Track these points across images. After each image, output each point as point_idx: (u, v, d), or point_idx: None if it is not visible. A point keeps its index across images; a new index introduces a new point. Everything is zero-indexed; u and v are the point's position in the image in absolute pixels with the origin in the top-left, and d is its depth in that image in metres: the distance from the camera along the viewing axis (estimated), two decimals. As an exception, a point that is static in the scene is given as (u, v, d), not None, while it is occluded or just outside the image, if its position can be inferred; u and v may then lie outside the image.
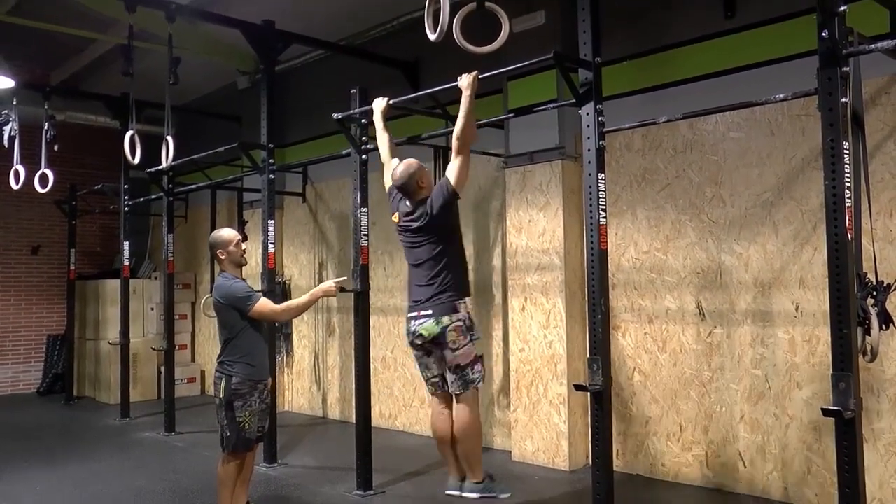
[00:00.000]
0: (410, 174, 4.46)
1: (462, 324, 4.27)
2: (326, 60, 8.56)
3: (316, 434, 7.89)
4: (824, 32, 3.30)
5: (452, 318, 4.22)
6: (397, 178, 4.49)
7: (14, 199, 10.51)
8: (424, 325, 4.27)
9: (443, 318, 4.22)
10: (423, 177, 4.50)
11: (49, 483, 6.00)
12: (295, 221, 9.23)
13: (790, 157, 5.03)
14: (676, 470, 5.56)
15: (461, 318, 4.25)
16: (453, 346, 4.22)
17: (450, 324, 4.21)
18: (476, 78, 4.26)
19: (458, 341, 4.23)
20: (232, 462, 4.51)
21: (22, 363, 11.24)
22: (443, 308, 4.24)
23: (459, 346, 4.24)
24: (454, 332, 4.23)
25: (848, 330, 3.26)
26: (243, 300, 4.42)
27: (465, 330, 4.27)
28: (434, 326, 4.24)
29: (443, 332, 4.22)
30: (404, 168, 4.50)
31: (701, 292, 5.46)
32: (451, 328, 4.21)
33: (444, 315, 4.23)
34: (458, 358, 4.25)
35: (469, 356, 4.27)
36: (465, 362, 4.26)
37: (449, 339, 4.22)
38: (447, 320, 4.22)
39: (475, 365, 4.30)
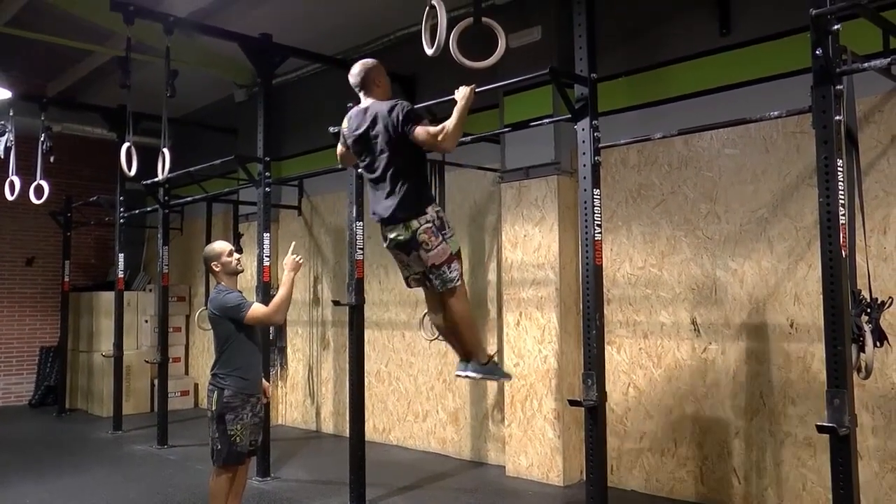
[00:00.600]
0: (367, 69, 4.38)
1: (431, 224, 4.18)
2: (323, 74, 8.59)
3: (309, 448, 7.85)
4: (818, 50, 3.33)
5: (420, 220, 4.16)
6: (353, 75, 4.41)
7: (9, 210, 10.48)
8: (396, 235, 4.25)
9: (411, 223, 4.17)
10: (381, 75, 4.42)
11: (40, 496, 5.95)
12: (290, 235, 9.21)
13: (785, 174, 5.06)
14: (671, 486, 5.54)
15: (430, 220, 4.18)
16: (427, 248, 4.17)
17: (419, 227, 4.16)
18: (473, 91, 4.26)
19: (431, 242, 4.17)
20: (223, 475, 4.49)
21: (14, 375, 11.17)
22: (409, 214, 4.18)
23: (432, 247, 4.17)
24: (425, 234, 4.16)
25: (842, 346, 3.27)
26: (236, 309, 4.42)
27: (435, 230, 4.18)
28: (405, 232, 4.19)
29: (413, 235, 4.18)
30: (359, 65, 4.42)
31: (696, 308, 5.47)
32: (421, 230, 4.16)
33: (411, 220, 4.17)
34: (433, 258, 4.18)
35: (443, 255, 4.18)
36: (439, 261, 4.18)
37: (421, 241, 4.17)
38: (415, 224, 4.16)
39: (451, 263, 4.21)
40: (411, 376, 7.52)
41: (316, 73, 8.66)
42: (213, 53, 8.48)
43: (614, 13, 5.87)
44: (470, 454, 6.92)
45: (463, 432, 7.00)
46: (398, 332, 7.69)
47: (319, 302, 8.75)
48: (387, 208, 4.24)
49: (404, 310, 7.61)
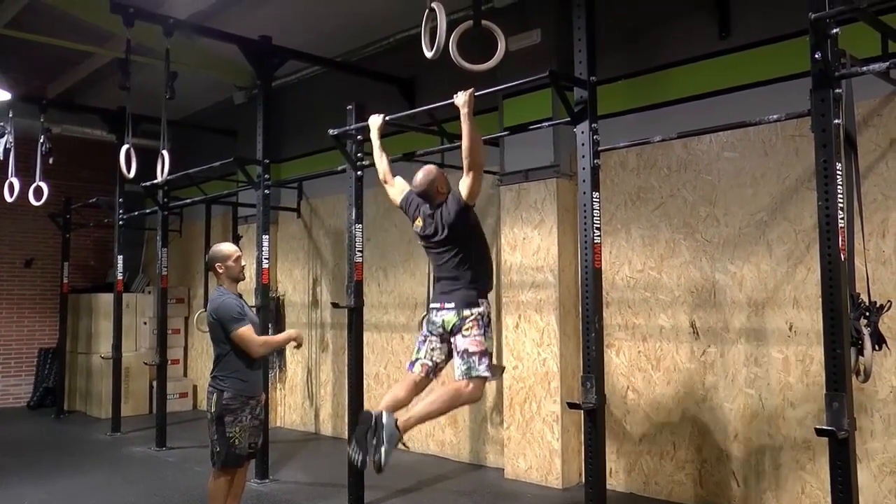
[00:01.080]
0: (430, 181, 4.49)
1: (481, 318, 4.32)
2: (323, 76, 8.60)
3: (308, 450, 7.85)
4: (817, 54, 3.33)
5: (473, 311, 4.30)
6: (418, 185, 4.53)
7: (8, 212, 10.48)
8: (446, 318, 4.35)
9: (464, 311, 4.30)
10: (443, 182, 4.53)
11: (38, 498, 5.95)
12: (289, 237, 9.22)
13: (784, 178, 5.06)
14: (670, 488, 5.54)
15: (482, 313, 4.32)
16: (466, 333, 4.29)
17: (470, 315, 4.29)
18: (472, 95, 4.28)
19: (472, 330, 4.29)
20: (222, 477, 4.49)
21: (13, 376, 11.16)
22: (465, 302, 4.32)
23: (471, 335, 4.28)
24: (472, 323, 4.29)
25: (841, 350, 3.28)
26: (229, 322, 4.39)
27: (481, 324, 4.32)
28: (455, 318, 4.31)
29: (462, 321, 4.30)
30: (424, 175, 4.52)
31: (695, 311, 5.47)
32: (470, 319, 4.29)
33: (465, 308, 4.31)
34: (468, 343, 4.27)
35: (479, 345, 4.28)
36: (473, 349, 4.26)
37: (465, 327, 4.29)
38: (468, 312, 4.30)
39: (483, 357, 4.27)
40: (410, 379, 7.50)
41: (315, 75, 8.67)
42: (213, 56, 8.49)
43: (614, 16, 5.87)
44: (469, 457, 6.92)
45: (462, 435, 6.99)
46: (397, 335, 7.69)
47: (318, 304, 8.75)
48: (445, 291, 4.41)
49: (403, 312, 7.61)
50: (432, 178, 4.49)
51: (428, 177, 4.50)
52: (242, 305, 4.52)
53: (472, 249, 4.44)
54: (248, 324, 4.43)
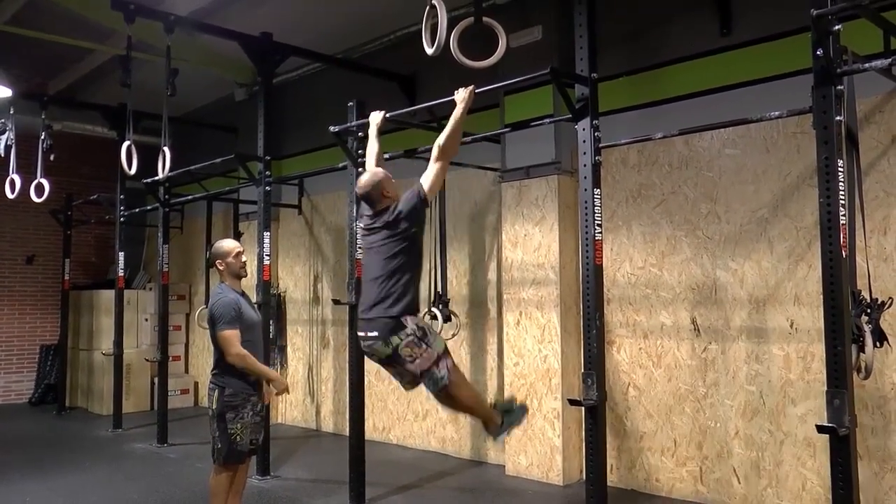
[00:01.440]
0: (374, 183, 4.28)
1: (413, 337, 4.08)
2: (324, 73, 8.59)
3: (309, 446, 7.86)
4: (819, 51, 3.33)
5: (401, 336, 4.06)
6: (361, 187, 4.33)
7: (9, 209, 10.49)
8: (374, 348, 4.15)
9: (391, 339, 4.07)
10: (389, 187, 4.32)
11: (40, 494, 5.96)
12: (290, 233, 9.23)
13: (785, 175, 5.06)
14: (671, 485, 5.54)
15: (410, 333, 4.07)
16: (410, 359, 4.07)
17: (400, 342, 4.06)
18: (472, 92, 4.26)
19: (414, 353, 4.07)
20: (223, 474, 4.48)
21: (14, 373, 11.19)
22: (389, 328, 4.08)
23: (416, 357, 4.07)
24: (407, 349, 4.06)
25: (842, 347, 3.28)
26: (219, 320, 4.35)
27: (417, 341, 4.07)
28: (385, 348, 4.10)
29: (395, 352, 4.08)
30: (369, 177, 4.33)
31: (696, 308, 5.47)
32: (402, 346, 4.06)
33: (391, 335, 4.07)
34: (420, 365, 4.08)
35: (429, 360, 4.09)
36: (427, 366, 4.09)
37: (404, 356, 4.07)
38: (396, 340, 4.06)
39: (438, 363, 4.11)
40: (411, 375, 7.51)
41: (316, 72, 8.66)
42: (214, 52, 8.48)
43: (615, 13, 5.86)
44: (470, 453, 6.92)
45: (463, 431, 7.00)
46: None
47: (319, 301, 8.75)
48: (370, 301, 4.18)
49: (404, 309, 7.60)
50: (377, 181, 4.29)
51: (373, 178, 4.30)
52: (240, 305, 4.44)
53: (405, 263, 4.18)
54: (236, 328, 4.35)
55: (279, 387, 4.52)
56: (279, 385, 4.53)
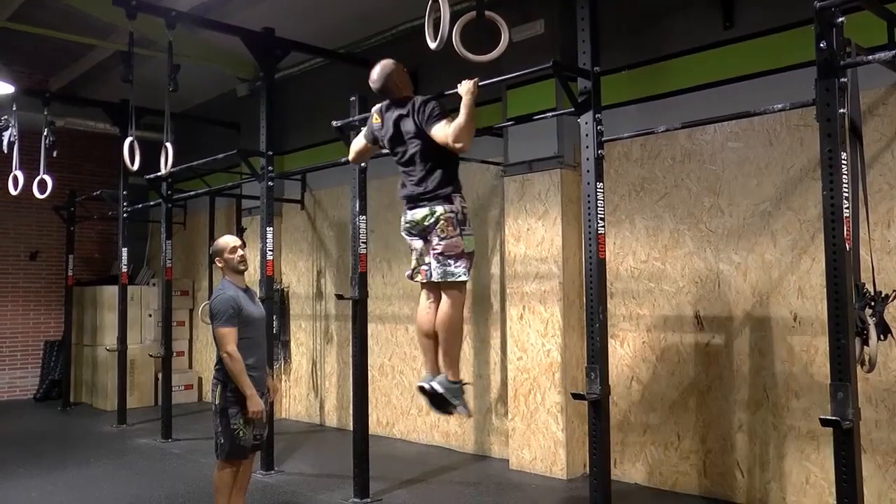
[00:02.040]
0: (386, 74, 4.34)
1: (454, 215, 4.19)
2: (326, 68, 8.58)
3: (313, 441, 7.87)
4: (822, 43, 3.32)
5: (445, 208, 4.18)
6: (374, 81, 4.38)
7: (13, 205, 10.49)
8: (419, 213, 4.24)
9: (436, 208, 4.19)
10: (402, 76, 4.39)
11: (45, 489, 5.98)
12: (293, 229, 9.23)
13: (788, 168, 5.05)
14: (674, 479, 5.55)
15: (454, 210, 4.20)
16: (441, 235, 4.18)
17: (443, 213, 4.18)
18: (476, 84, 4.25)
19: (447, 231, 4.17)
20: (227, 469, 4.49)
21: (19, 369, 11.22)
22: (438, 199, 4.20)
23: (448, 236, 4.17)
24: (445, 222, 4.17)
25: (846, 340, 3.27)
26: (217, 317, 4.38)
27: (455, 222, 4.19)
28: (428, 213, 4.21)
29: (435, 221, 4.19)
30: (379, 69, 4.37)
31: (699, 301, 5.47)
32: (443, 217, 4.17)
33: (437, 205, 4.19)
34: (443, 247, 4.18)
35: (455, 248, 4.18)
36: (449, 252, 4.18)
37: (438, 227, 4.18)
38: (440, 209, 4.18)
39: (459, 259, 4.20)
40: (415, 370, 7.52)
41: (319, 67, 8.65)
42: (216, 48, 8.47)
43: (617, 6, 5.85)
44: (473, 448, 6.93)
45: (466, 426, 7.00)
46: (401, 326, 7.70)
47: (322, 296, 8.76)
48: (415, 189, 4.27)
49: (407, 303, 7.61)
50: (389, 72, 4.35)
51: (384, 70, 4.35)
52: (238, 302, 4.45)
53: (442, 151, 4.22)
54: (232, 326, 4.37)
55: (252, 407, 4.36)
56: (252, 405, 4.36)
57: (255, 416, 4.37)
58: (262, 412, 4.41)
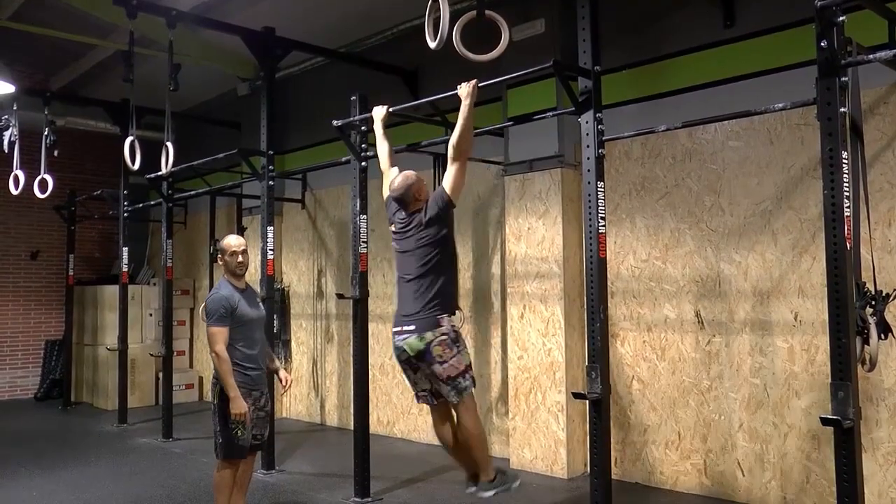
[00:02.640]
0: (408, 186, 4.41)
1: (447, 337, 4.20)
2: (326, 67, 8.58)
3: (314, 441, 7.87)
4: (823, 42, 3.31)
5: (436, 332, 4.17)
6: (395, 190, 4.45)
7: (13, 204, 10.51)
8: (408, 342, 4.22)
9: (426, 334, 4.17)
10: (421, 189, 4.45)
11: (46, 489, 5.98)
12: (294, 228, 9.23)
13: (789, 167, 5.04)
14: (675, 478, 5.55)
15: (445, 332, 4.19)
16: (440, 360, 4.17)
17: (433, 339, 4.16)
18: (476, 87, 4.26)
19: (445, 354, 4.18)
20: (227, 469, 4.49)
21: (20, 368, 11.22)
22: (425, 324, 4.19)
23: (447, 359, 4.18)
24: (439, 347, 4.17)
25: (847, 339, 3.27)
26: (209, 316, 4.41)
27: (450, 343, 4.20)
28: (418, 342, 4.19)
29: (427, 347, 4.18)
30: (402, 179, 4.45)
31: (700, 301, 5.47)
32: (435, 343, 4.16)
33: (426, 331, 4.18)
34: (448, 370, 4.19)
35: (458, 367, 4.21)
36: (455, 373, 4.20)
37: (435, 354, 4.17)
38: (430, 336, 4.17)
39: (465, 374, 4.26)
40: (415, 369, 7.53)
41: (319, 66, 8.65)
42: (216, 47, 8.47)
43: (617, 5, 5.84)
44: (474, 447, 6.92)
45: (467, 425, 6.99)
46: (402, 326, 7.68)
47: (323, 295, 8.76)
48: (406, 309, 4.29)
49: (408, 303, 7.60)
50: (410, 184, 4.41)
51: (406, 181, 4.41)
52: (231, 302, 4.44)
53: (440, 264, 4.29)
54: (223, 326, 4.38)
55: (234, 409, 4.33)
56: (234, 407, 4.34)
57: (237, 418, 4.34)
58: (244, 415, 4.37)
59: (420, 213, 4.35)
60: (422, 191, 4.45)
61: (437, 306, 4.22)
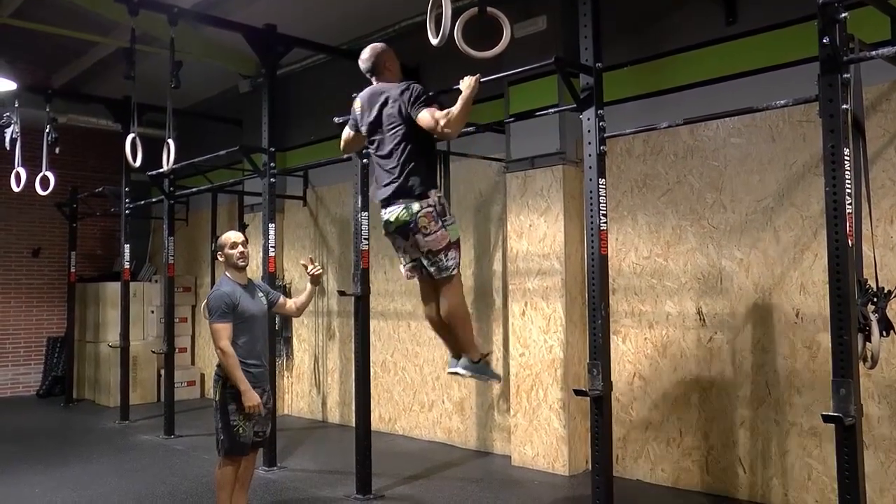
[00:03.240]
0: (376, 54, 4.40)
1: (433, 209, 4.17)
2: (328, 64, 8.57)
3: (315, 438, 7.88)
4: (825, 39, 3.31)
5: (422, 203, 4.16)
6: (364, 60, 4.42)
7: (15, 202, 10.52)
8: (395, 212, 4.22)
9: (412, 205, 4.15)
10: (391, 59, 4.43)
11: (48, 486, 5.99)
12: (296, 225, 9.23)
13: (791, 164, 5.04)
14: (676, 475, 5.55)
15: (431, 204, 4.17)
16: (425, 232, 4.16)
17: (420, 210, 4.15)
18: (478, 80, 4.24)
19: (430, 227, 4.15)
20: (228, 466, 4.49)
21: (22, 365, 11.23)
22: (412, 196, 4.17)
23: (431, 232, 4.15)
24: (425, 218, 4.15)
25: (848, 336, 3.27)
26: (211, 313, 4.40)
27: (435, 216, 4.17)
28: (404, 213, 4.18)
29: (413, 218, 4.15)
30: (370, 49, 4.43)
31: (701, 298, 5.47)
32: (421, 214, 4.15)
33: (413, 202, 4.16)
34: (430, 243, 4.16)
35: (441, 241, 4.17)
36: (437, 247, 4.16)
37: (420, 225, 4.15)
38: (417, 206, 4.14)
39: (448, 251, 4.20)
40: (417, 366, 7.54)
41: (321, 63, 8.64)
42: (218, 44, 8.46)
43: (619, 2, 5.83)
44: (475, 444, 6.94)
45: (469, 422, 7.01)
46: (403, 322, 7.70)
47: (325, 292, 8.76)
48: (389, 189, 4.24)
49: (409, 300, 7.61)
50: (378, 51, 4.41)
51: (374, 50, 4.42)
52: (233, 298, 4.43)
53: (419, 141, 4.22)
54: (226, 322, 4.38)
55: (247, 401, 4.34)
56: (247, 399, 4.35)
57: (250, 410, 4.36)
58: (257, 406, 4.39)
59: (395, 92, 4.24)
60: (393, 63, 4.42)
61: (421, 181, 4.19)
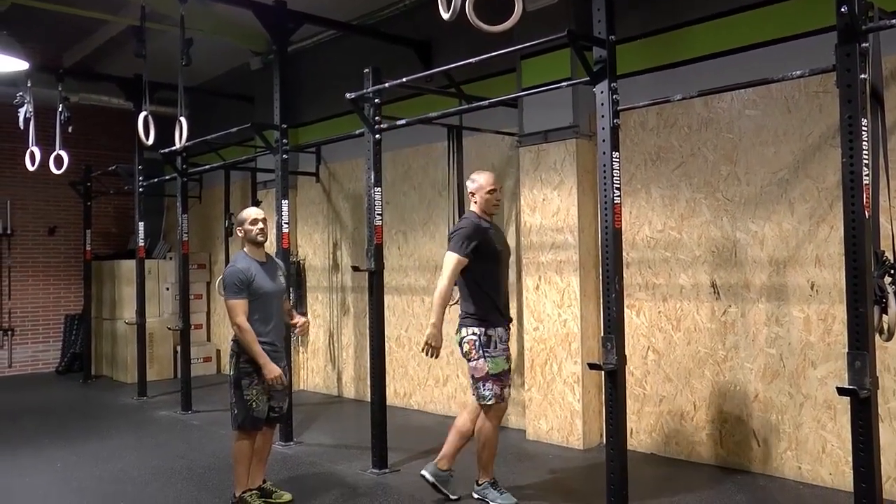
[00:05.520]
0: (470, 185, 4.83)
1: (476, 339, 4.54)
2: (339, 40, 8.53)
3: (331, 413, 7.95)
4: (843, 7, 3.25)
5: (467, 331, 4.58)
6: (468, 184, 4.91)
7: (30, 181, 10.60)
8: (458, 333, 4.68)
9: (461, 331, 4.62)
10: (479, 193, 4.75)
11: (68, 460, 6.09)
12: (308, 201, 9.24)
13: (807, 135, 4.99)
14: (690, 449, 5.57)
15: (475, 334, 4.55)
16: (467, 357, 4.60)
17: (464, 336, 4.58)
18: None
19: (471, 354, 4.56)
20: (243, 440, 4.54)
21: (41, 342, 11.38)
22: (461, 323, 4.64)
23: (472, 359, 4.57)
24: (467, 345, 4.57)
25: (864, 308, 3.25)
26: (227, 289, 4.45)
27: (477, 346, 4.53)
28: (456, 335, 4.67)
29: (460, 342, 4.63)
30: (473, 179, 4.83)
31: (715, 271, 5.44)
32: (465, 340, 4.58)
33: (462, 328, 4.63)
34: (471, 370, 4.59)
35: (479, 371, 4.53)
36: (476, 375, 4.55)
37: (464, 350, 4.60)
38: (463, 332, 4.60)
39: (486, 382, 4.53)
40: (431, 341, 7.55)
41: (332, 39, 8.61)
42: (228, 21, 8.43)
43: (633, -28, 5.77)
44: (490, 418, 6.96)
45: (483, 396, 7.03)
46: (418, 298, 7.72)
47: (339, 268, 8.79)
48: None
49: (423, 275, 7.63)
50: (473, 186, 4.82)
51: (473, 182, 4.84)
52: (248, 274, 4.47)
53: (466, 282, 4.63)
54: (241, 298, 4.43)
55: (268, 374, 4.42)
56: (268, 372, 4.42)
57: (273, 381, 4.43)
58: (279, 378, 4.46)
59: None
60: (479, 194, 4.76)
61: (470, 313, 4.62)
